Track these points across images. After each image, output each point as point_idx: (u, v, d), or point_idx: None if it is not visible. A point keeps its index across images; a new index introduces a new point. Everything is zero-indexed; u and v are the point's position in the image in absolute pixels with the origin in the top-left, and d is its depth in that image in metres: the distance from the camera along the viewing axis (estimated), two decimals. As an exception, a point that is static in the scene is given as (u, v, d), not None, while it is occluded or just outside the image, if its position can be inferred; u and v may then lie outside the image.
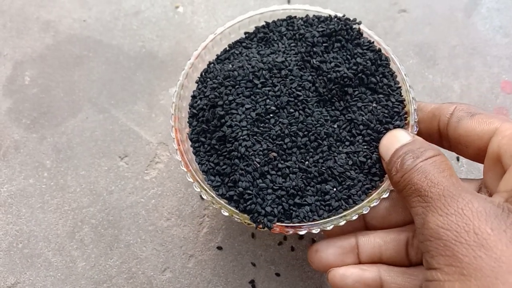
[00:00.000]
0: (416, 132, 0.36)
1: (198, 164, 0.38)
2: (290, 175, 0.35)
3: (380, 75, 0.38)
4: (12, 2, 0.57)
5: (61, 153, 0.49)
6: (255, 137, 0.35)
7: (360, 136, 0.36)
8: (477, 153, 0.33)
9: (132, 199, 0.47)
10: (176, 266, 0.44)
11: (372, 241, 0.35)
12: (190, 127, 0.39)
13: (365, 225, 0.37)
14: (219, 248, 0.45)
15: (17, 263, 0.45)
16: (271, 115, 0.36)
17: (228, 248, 0.45)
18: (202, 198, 0.44)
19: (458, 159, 0.48)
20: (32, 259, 0.45)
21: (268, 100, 0.36)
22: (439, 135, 0.35)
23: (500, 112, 0.50)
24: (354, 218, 0.34)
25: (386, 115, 0.36)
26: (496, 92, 0.51)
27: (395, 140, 0.34)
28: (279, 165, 0.35)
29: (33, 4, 0.56)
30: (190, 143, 0.39)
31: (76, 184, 0.47)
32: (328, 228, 0.34)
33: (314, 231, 0.34)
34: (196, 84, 0.41)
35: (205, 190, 0.36)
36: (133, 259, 0.45)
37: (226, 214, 0.35)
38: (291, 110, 0.36)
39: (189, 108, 0.40)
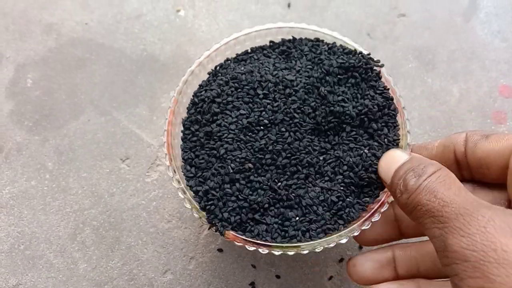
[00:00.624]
0: None
1: (182, 150, 0.38)
2: (259, 190, 0.35)
3: (383, 123, 0.37)
4: (14, 5, 0.57)
5: (63, 155, 0.49)
6: (238, 143, 0.35)
7: (341, 176, 0.36)
8: (500, 172, 0.32)
9: (133, 201, 0.47)
10: (177, 268, 0.45)
11: (408, 255, 0.35)
12: (187, 114, 0.40)
13: (399, 232, 0.37)
14: (220, 250, 0.45)
15: (19, 264, 0.45)
16: (262, 127, 0.36)
17: (229, 250, 0.45)
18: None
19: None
20: (34, 261, 0.45)
21: (263, 112, 0.36)
22: (456, 165, 0.35)
23: (498, 116, 0.51)
24: (304, 252, 0.34)
25: (374, 164, 0.35)
26: (494, 96, 0.52)
27: (394, 161, 0.33)
28: (251, 177, 0.35)
29: (36, 7, 0.57)
30: (181, 128, 0.39)
31: (78, 186, 0.48)
32: (275, 253, 0.34)
33: (261, 251, 0.34)
34: (208, 75, 0.41)
35: (178, 178, 0.37)
36: (134, 261, 0.45)
37: (188, 206, 0.36)
38: (283, 129, 0.36)
39: (192, 96, 0.40)
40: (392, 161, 0.33)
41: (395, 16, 0.56)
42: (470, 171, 0.35)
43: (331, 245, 0.34)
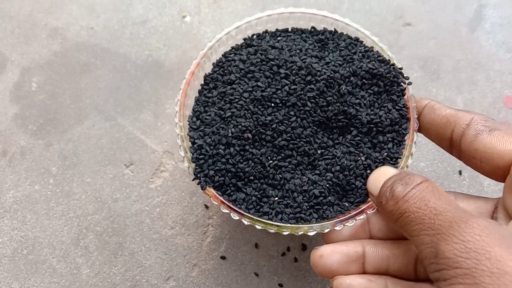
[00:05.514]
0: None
1: (195, 102, 0.40)
2: (249, 161, 0.35)
3: (390, 138, 0.37)
4: (20, 9, 0.57)
5: (67, 160, 0.49)
6: (245, 111, 0.36)
7: (331, 175, 0.36)
8: (494, 171, 0.32)
9: (137, 207, 0.47)
10: (179, 274, 0.45)
11: (380, 252, 0.34)
12: (211, 70, 0.41)
13: (370, 236, 0.36)
14: (223, 257, 0.45)
15: (22, 269, 0.45)
16: (272, 104, 0.36)
17: (232, 258, 0.45)
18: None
19: (460, 173, 0.49)
20: (37, 266, 0.45)
21: (279, 91, 0.37)
22: (450, 142, 0.35)
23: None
24: (271, 231, 0.35)
25: (365, 175, 0.36)
26: (499, 107, 0.52)
27: (382, 175, 0.33)
28: (247, 147, 0.36)
29: (41, 11, 0.57)
30: (202, 82, 0.41)
31: (82, 191, 0.48)
32: (245, 223, 0.35)
33: (233, 216, 0.35)
34: (243, 40, 0.42)
35: (181, 126, 0.38)
36: (137, 267, 0.45)
37: (182, 154, 0.37)
38: (291, 113, 0.36)
39: (222, 55, 0.41)
40: (381, 175, 0.33)
41: (400, 26, 0.56)
42: (460, 154, 0.34)
43: (300, 233, 0.34)
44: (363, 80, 0.38)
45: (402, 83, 0.38)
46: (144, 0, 0.57)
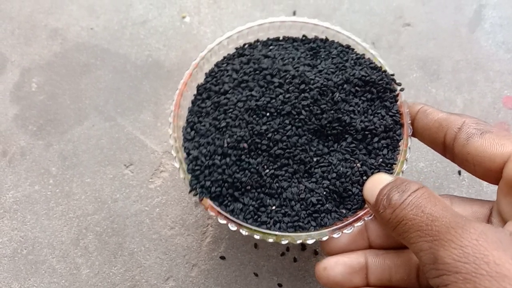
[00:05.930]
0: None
1: (188, 112, 0.39)
2: (246, 171, 0.35)
3: (384, 144, 0.37)
4: (20, 9, 0.57)
5: (67, 160, 0.49)
6: (240, 121, 0.36)
7: (327, 182, 0.36)
8: (486, 174, 0.32)
9: (137, 207, 0.47)
10: (179, 275, 0.45)
11: (382, 263, 0.34)
12: (204, 80, 0.41)
13: (369, 243, 0.36)
14: (222, 257, 0.45)
15: (22, 269, 0.45)
16: (267, 113, 0.36)
17: (231, 258, 0.45)
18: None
19: (459, 173, 0.49)
20: (37, 266, 0.45)
21: (273, 100, 0.36)
22: (443, 146, 0.35)
23: (502, 127, 0.51)
24: (269, 240, 0.34)
25: (361, 182, 0.36)
26: (498, 107, 0.52)
27: (378, 182, 0.33)
28: (243, 157, 0.35)
29: (42, 12, 0.57)
30: (194, 94, 0.41)
31: (81, 191, 0.48)
32: (243, 233, 0.35)
33: (230, 227, 0.35)
34: (235, 49, 0.42)
35: (175, 137, 0.38)
36: (136, 267, 0.45)
37: (177, 165, 0.37)
38: (286, 122, 0.36)
39: (214, 65, 0.41)
40: (377, 183, 0.34)
41: (400, 26, 0.56)
42: (454, 157, 0.34)
43: (298, 241, 0.34)
44: (356, 87, 0.37)
45: (394, 90, 0.39)
46: (144, 0, 0.57)
